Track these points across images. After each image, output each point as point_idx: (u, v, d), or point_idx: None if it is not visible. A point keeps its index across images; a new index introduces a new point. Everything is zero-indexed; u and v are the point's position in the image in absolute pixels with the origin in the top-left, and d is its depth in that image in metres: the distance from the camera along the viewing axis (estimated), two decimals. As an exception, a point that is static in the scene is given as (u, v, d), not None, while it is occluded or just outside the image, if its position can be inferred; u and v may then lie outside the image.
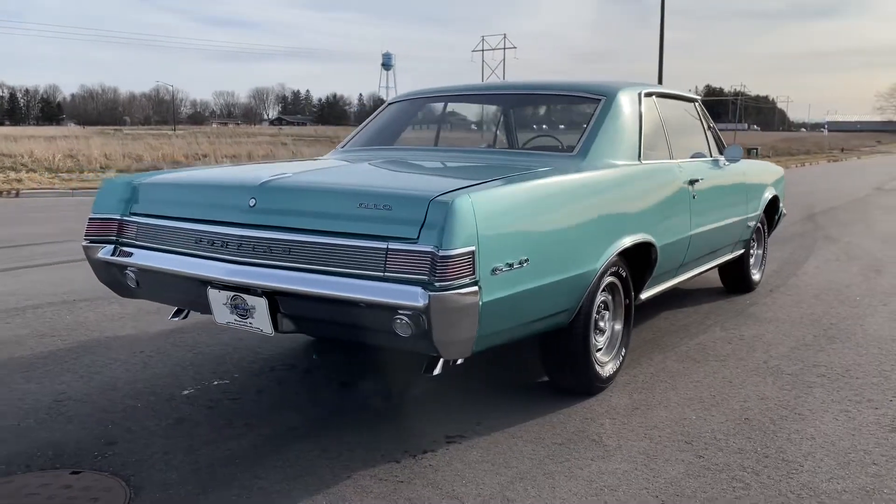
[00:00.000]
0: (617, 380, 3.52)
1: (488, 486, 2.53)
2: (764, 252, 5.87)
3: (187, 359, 3.89)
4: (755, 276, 5.68)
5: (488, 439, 2.92)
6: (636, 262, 3.52)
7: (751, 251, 5.51)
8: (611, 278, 3.33)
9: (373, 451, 2.81)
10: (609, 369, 3.42)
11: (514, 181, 2.76)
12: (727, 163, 4.75)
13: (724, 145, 4.89)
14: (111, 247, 3.15)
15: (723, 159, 4.73)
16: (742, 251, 5.28)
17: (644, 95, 3.93)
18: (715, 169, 4.53)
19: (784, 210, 6.12)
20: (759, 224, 5.48)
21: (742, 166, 4.94)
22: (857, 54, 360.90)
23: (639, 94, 3.88)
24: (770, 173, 5.79)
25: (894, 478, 2.62)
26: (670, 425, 3.07)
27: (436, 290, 2.31)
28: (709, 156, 4.64)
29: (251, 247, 2.71)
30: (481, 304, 2.41)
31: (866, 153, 43.75)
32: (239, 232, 2.76)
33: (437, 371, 2.63)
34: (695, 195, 4.08)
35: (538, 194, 2.84)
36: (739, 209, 4.90)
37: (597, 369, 3.31)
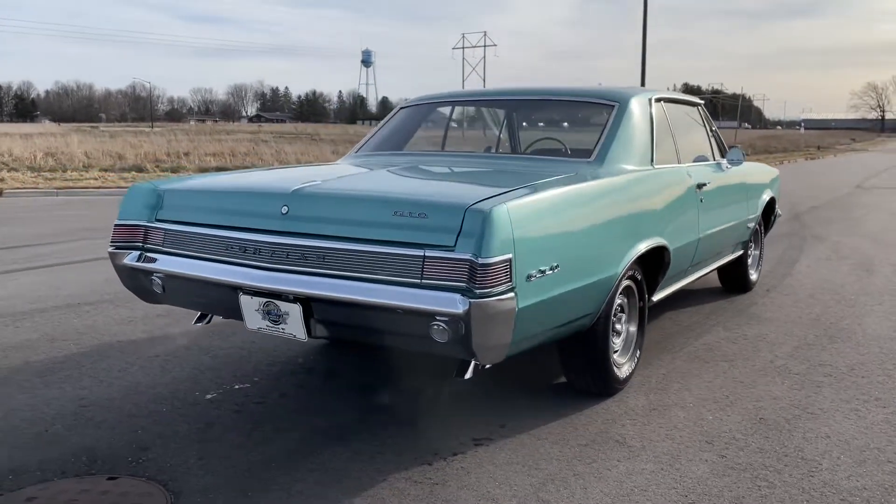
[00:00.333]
0: (631, 381, 3.60)
1: (521, 488, 2.59)
2: (761, 252, 5.99)
3: (205, 362, 3.91)
4: (753, 277, 5.79)
5: (514, 441, 2.98)
6: (649, 265, 3.60)
7: (749, 252, 5.62)
8: (627, 282, 3.40)
9: (402, 453, 2.86)
10: (625, 370, 3.50)
11: (544, 188, 2.82)
12: (729, 165, 4.84)
13: (725, 148, 4.98)
14: (137, 253, 3.16)
15: (725, 162, 4.82)
16: (742, 252, 5.38)
17: (654, 101, 4.01)
18: (719, 172, 4.62)
19: (779, 211, 6.24)
20: (756, 225, 5.59)
21: (743, 168, 5.04)
22: (830, 53, 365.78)
23: (649, 100, 3.96)
24: (766, 174, 5.90)
25: (911, 475, 2.72)
26: (689, 426, 3.15)
27: (476, 297, 2.36)
28: (712, 159, 4.73)
29: (285, 254, 2.75)
30: (517, 310, 2.47)
31: (842, 151, 44.33)
32: (272, 239, 2.79)
33: (469, 375, 2.68)
34: (702, 198, 4.16)
35: (567, 200, 2.90)
36: (741, 211, 5.01)
37: (614, 371, 3.39)
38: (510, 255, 2.43)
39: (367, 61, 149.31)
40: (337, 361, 3.97)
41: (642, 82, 26.85)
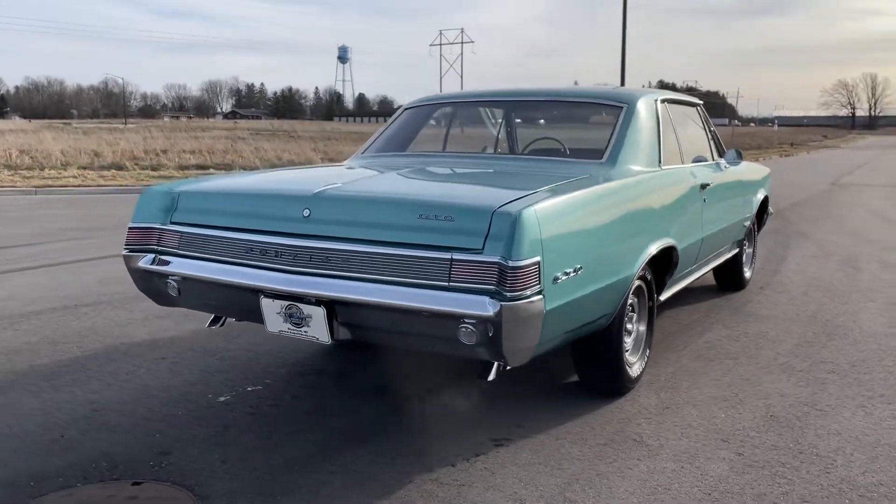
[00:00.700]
0: (641, 380, 3.64)
1: (548, 488, 2.61)
2: (754, 250, 6.07)
3: (213, 364, 3.89)
4: (747, 274, 5.87)
5: (533, 441, 3.00)
6: (658, 265, 3.64)
7: (744, 249, 5.69)
8: (638, 282, 3.44)
9: (424, 454, 2.87)
10: (636, 369, 3.54)
11: (565, 190, 2.84)
12: (727, 165, 4.90)
13: (723, 148, 5.04)
14: (151, 256, 3.14)
15: (723, 162, 4.88)
16: (737, 250, 5.45)
17: (659, 102, 4.05)
18: (719, 172, 4.68)
19: (771, 209, 6.33)
20: (751, 223, 5.67)
21: (740, 168, 5.11)
22: (802, 51, 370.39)
23: (655, 101, 4.00)
24: (759, 173, 5.98)
25: (924, 470, 2.78)
26: (703, 424, 3.19)
27: (506, 300, 2.38)
28: (711, 159, 4.79)
29: (308, 256, 2.74)
30: (545, 312, 2.49)
31: (815, 148, 44.95)
32: (293, 242, 2.78)
33: (492, 377, 2.70)
34: (705, 198, 4.21)
35: (588, 202, 2.93)
36: (739, 210, 5.08)
37: (627, 370, 3.42)
38: (539, 258, 2.45)
39: (343, 57, 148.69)
40: (345, 363, 3.97)
41: (622, 80, 27.02)
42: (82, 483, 2.62)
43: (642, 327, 3.63)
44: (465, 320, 2.46)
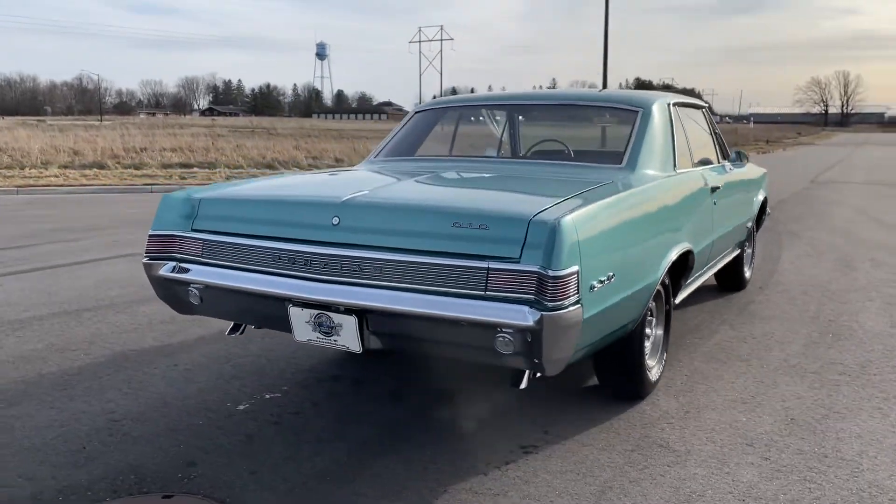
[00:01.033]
0: (658, 383, 3.65)
1: (583, 497, 2.61)
2: (753, 250, 6.13)
3: (227, 371, 3.85)
4: (747, 274, 5.92)
5: (562, 448, 3.00)
6: (674, 269, 3.65)
7: (745, 250, 5.74)
8: (659, 286, 3.45)
9: (454, 463, 2.85)
10: (655, 373, 3.56)
11: (595, 197, 2.83)
12: (732, 168, 4.94)
13: (728, 151, 5.08)
14: (173, 264, 3.09)
15: (728, 164, 4.92)
16: (739, 251, 5.50)
17: (672, 105, 4.06)
18: (725, 174, 4.71)
19: (769, 209, 6.38)
20: (752, 223, 5.72)
21: (744, 170, 5.15)
22: (775, 49, 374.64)
23: (668, 105, 4.01)
24: (758, 173, 6.02)
25: (948, 473, 2.82)
26: (726, 428, 3.21)
27: (547, 310, 2.37)
28: (717, 161, 4.82)
29: (338, 265, 2.71)
30: (583, 320, 2.48)
31: (790, 145, 45.43)
32: (323, 250, 2.75)
33: (524, 385, 2.69)
34: (715, 201, 4.24)
35: (618, 209, 2.93)
36: (743, 211, 5.12)
37: (647, 374, 3.43)
38: (577, 267, 2.44)
39: (321, 54, 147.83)
40: (360, 369, 3.94)
41: (604, 79, 27.15)
42: (112, 497, 2.58)
43: (660, 331, 3.65)
44: (503, 329, 2.45)
